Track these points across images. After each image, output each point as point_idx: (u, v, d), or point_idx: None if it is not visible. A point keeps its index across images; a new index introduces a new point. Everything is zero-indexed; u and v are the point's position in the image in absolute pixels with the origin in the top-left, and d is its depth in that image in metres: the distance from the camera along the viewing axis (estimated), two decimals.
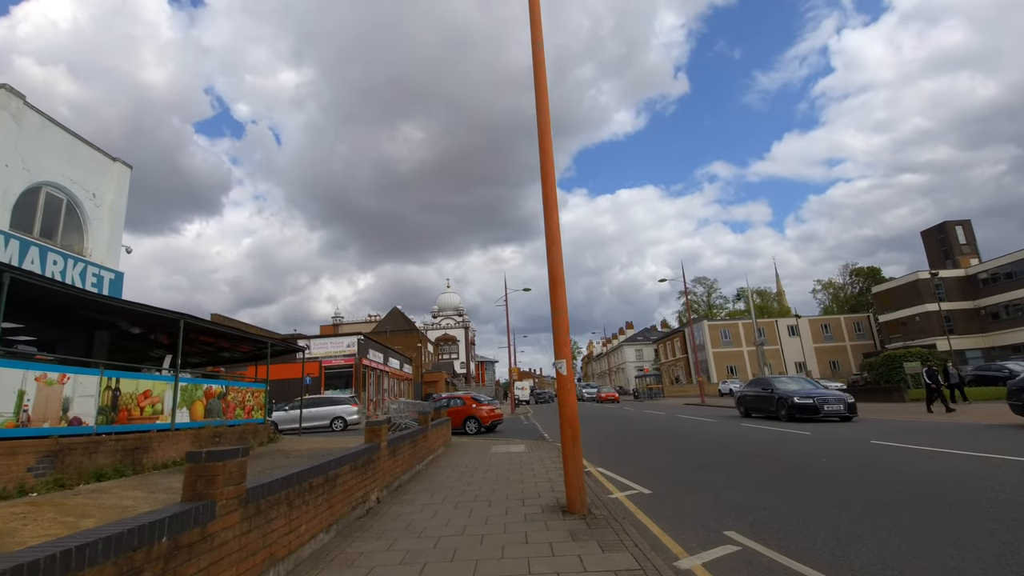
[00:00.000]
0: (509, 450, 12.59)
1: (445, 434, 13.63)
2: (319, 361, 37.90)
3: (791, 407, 16.90)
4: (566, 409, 6.24)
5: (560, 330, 6.47)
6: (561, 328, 6.48)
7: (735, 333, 61.05)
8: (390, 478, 7.72)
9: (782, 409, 17.42)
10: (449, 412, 19.42)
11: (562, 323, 6.50)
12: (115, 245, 15.22)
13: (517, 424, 24.73)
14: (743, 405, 20.75)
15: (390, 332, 66.78)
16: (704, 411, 27.49)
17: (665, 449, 11.98)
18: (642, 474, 8.70)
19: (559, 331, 6.47)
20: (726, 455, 10.43)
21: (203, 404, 10.87)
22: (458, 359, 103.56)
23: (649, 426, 19.05)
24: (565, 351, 6.43)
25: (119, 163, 15.55)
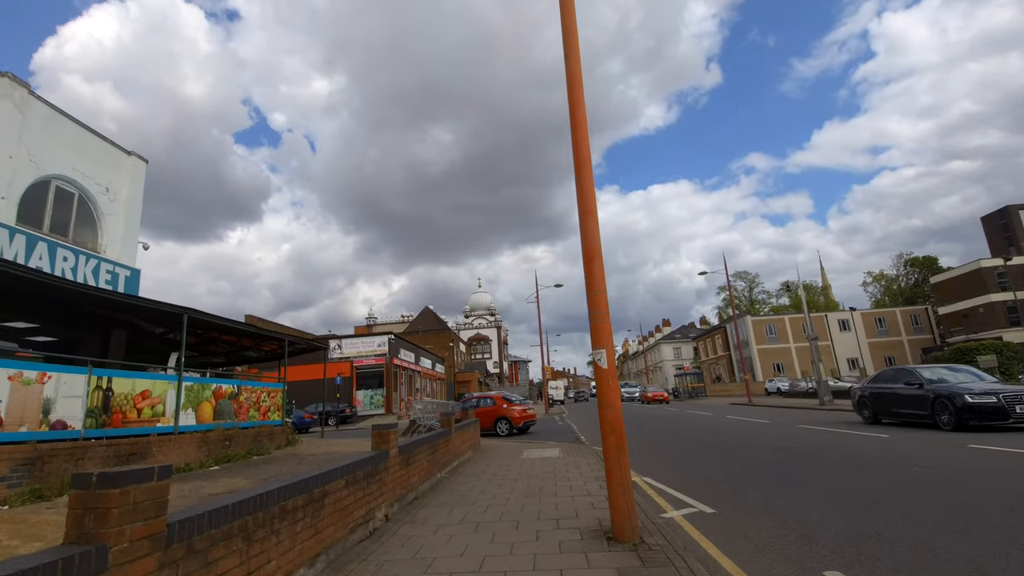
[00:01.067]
0: (542, 455, 11.40)
1: (473, 437, 12.55)
2: (350, 361, 37.54)
3: (962, 409, 11.91)
4: (608, 411, 5.02)
5: (598, 313, 5.26)
6: (599, 311, 5.26)
7: (781, 329, 58.03)
8: (403, 490, 6.65)
9: (943, 412, 12.44)
10: (478, 413, 18.38)
11: (600, 305, 5.28)
12: (131, 241, 14.74)
13: (551, 425, 23.50)
14: (870, 406, 15.38)
15: (422, 332, 66.46)
16: (754, 411, 25.63)
17: (721, 456, 10.56)
18: (699, 487, 7.38)
19: (597, 315, 5.26)
20: (798, 465, 8.97)
21: (212, 405, 10.11)
22: (491, 359, 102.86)
23: (697, 428, 17.53)
24: (605, 339, 5.21)
25: (134, 157, 15.08)
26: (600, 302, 5.29)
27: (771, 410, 25.34)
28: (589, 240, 5.41)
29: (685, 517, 5.87)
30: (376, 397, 37.10)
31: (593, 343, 5.26)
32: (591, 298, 5.31)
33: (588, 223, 5.45)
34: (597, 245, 5.41)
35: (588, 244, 5.41)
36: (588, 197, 5.50)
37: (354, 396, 36.44)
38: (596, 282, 5.32)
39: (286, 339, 13.67)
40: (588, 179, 5.52)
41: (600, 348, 5.18)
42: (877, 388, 15.38)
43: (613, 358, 5.22)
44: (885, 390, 14.95)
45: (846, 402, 28.24)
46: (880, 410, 14.99)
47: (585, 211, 5.49)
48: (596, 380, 5.20)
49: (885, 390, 14.95)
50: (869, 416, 15.43)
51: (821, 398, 25.88)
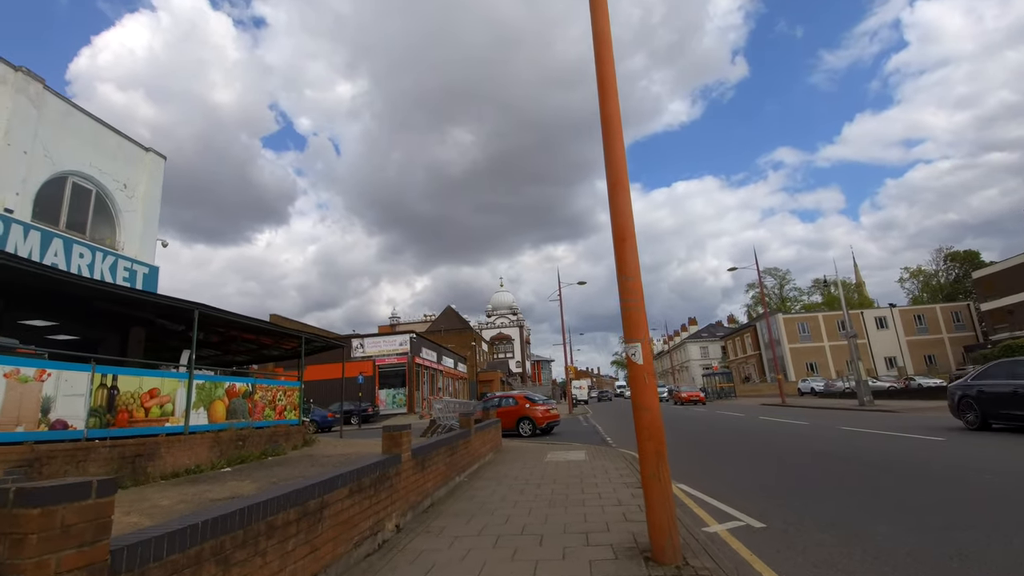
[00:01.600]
0: (567, 458, 10.78)
1: (494, 438, 12.00)
2: (372, 360, 37.42)
3: None
4: (644, 414, 4.39)
5: (631, 301, 4.64)
6: (633, 298, 4.64)
7: (815, 327, 56.02)
8: (417, 496, 6.13)
9: None
10: (500, 412, 17.83)
11: (634, 291, 4.66)
12: (149, 238, 14.61)
13: (575, 426, 22.82)
14: (976, 408, 12.49)
15: (444, 331, 66.32)
16: (789, 413, 24.53)
17: (763, 461, 9.78)
18: (743, 496, 6.68)
19: (630, 302, 4.64)
20: (851, 471, 8.17)
21: (225, 404, 9.78)
22: (513, 358, 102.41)
23: (731, 430, 16.67)
24: (640, 330, 4.59)
25: (152, 153, 14.95)
26: (633, 289, 4.66)
27: (807, 411, 24.20)
28: (620, 217, 4.79)
29: (731, 532, 5.20)
30: (398, 396, 36.90)
31: (626, 335, 4.64)
32: (623, 284, 4.69)
33: (619, 198, 4.83)
34: (629, 223, 4.79)
35: (619, 222, 4.79)
36: (618, 168, 4.88)
37: (376, 395, 36.30)
38: (628, 266, 4.70)
39: (303, 336, 13.33)
40: (618, 147, 4.90)
41: (634, 341, 4.55)
42: (988, 385, 12.33)
43: (650, 353, 4.59)
44: (998, 388, 11.97)
45: (888, 403, 26.88)
46: (991, 411, 12.15)
47: (615, 184, 4.87)
48: (630, 378, 4.58)
49: (998, 388, 11.97)
50: (975, 420, 12.47)
51: (861, 398, 24.62)
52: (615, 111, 4.92)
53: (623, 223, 4.79)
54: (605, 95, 4.96)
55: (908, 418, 16.99)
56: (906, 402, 27.32)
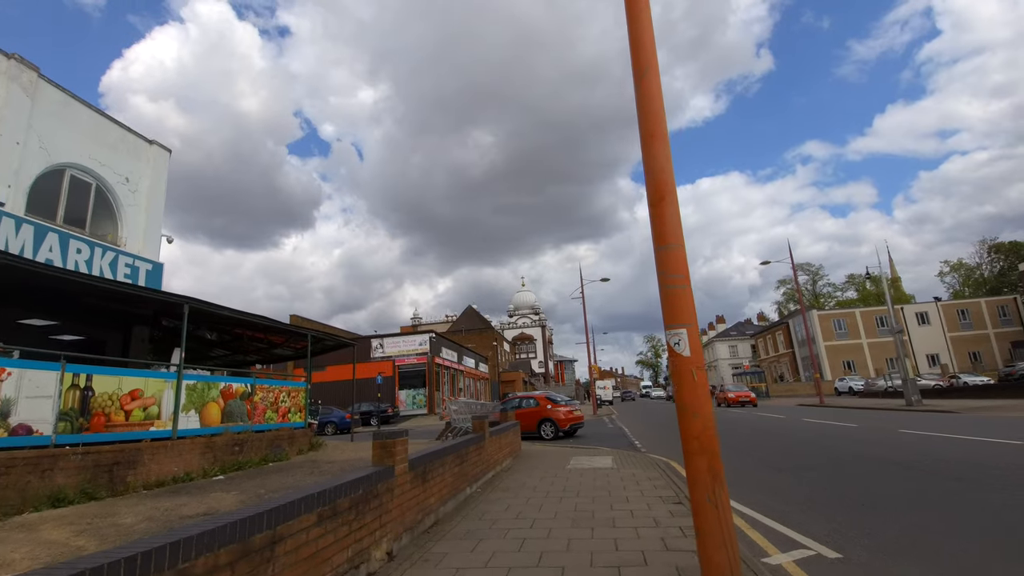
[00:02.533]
0: (592, 465, 9.78)
1: (512, 442, 11.06)
2: (392, 360, 36.87)
3: None
4: (694, 421, 3.39)
5: (673, 276, 3.64)
6: (675, 272, 3.65)
7: (852, 323, 53.52)
8: (416, 514, 5.22)
9: None
10: (519, 414, 16.89)
11: (676, 264, 3.66)
12: (153, 234, 14.08)
13: (600, 428, 21.72)
14: None
15: (465, 331, 65.64)
16: (832, 414, 23.00)
17: (820, 471, 8.61)
18: (806, 515, 5.59)
19: (672, 278, 3.64)
20: (930, 482, 6.98)
21: (220, 406, 9.06)
22: (536, 358, 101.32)
23: (774, 433, 15.39)
24: (686, 313, 3.59)
25: (156, 146, 14.43)
26: (675, 261, 3.67)
27: (850, 412, 22.62)
28: (657, 172, 3.80)
29: (800, 565, 4.16)
30: (418, 397, 36.26)
31: (666, 319, 3.64)
32: (662, 257, 3.70)
33: (655, 149, 3.84)
34: (668, 178, 3.79)
35: (656, 179, 3.80)
36: (654, 113, 3.89)
37: (396, 396, 35.72)
38: (668, 231, 3.70)
39: (309, 334, 12.60)
40: (653, 87, 3.90)
41: (678, 326, 3.56)
42: None
43: (699, 342, 3.58)
44: None
45: (937, 402, 25.04)
46: None
47: (650, 134, 3.88)
48: (673, 373, 3.59)
49: None
50: None
51: (909, 398, 22.94)
52: (647, 35, 3.92)
53: (661, 180, 3.79)
54: (635, 17, 3.97)
55: (971, 419, 15.45)
56: (957, 401, 25.45)
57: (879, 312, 53.69)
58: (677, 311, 3.59)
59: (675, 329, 3.57)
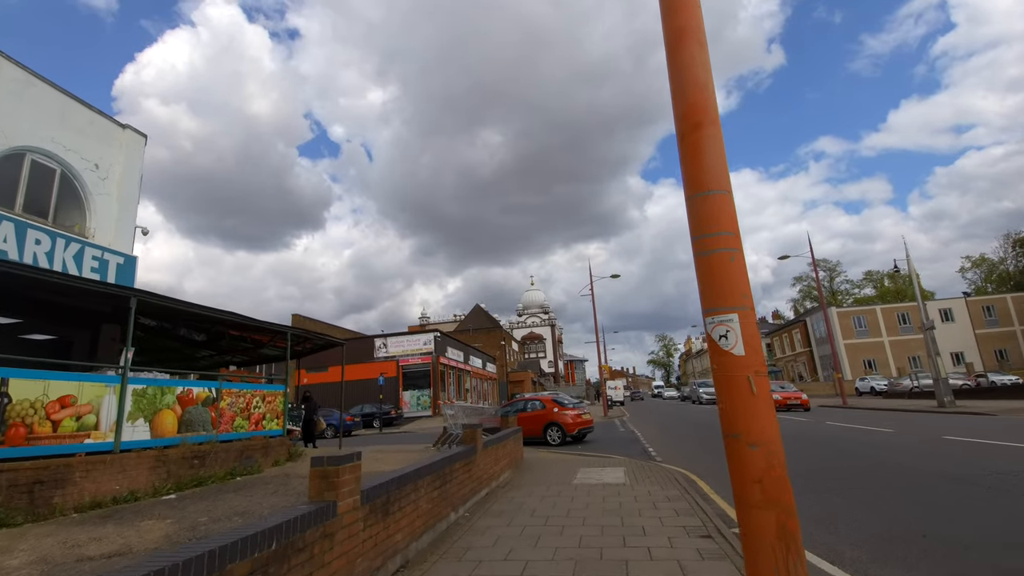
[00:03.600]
0: (602, 479, 8.58)
1: (512, 452, 9.90)
2: (396, 360, 35.87)
3: None
4: (753, 455, 2.21)
5: (715, 236, 2.46)
6: (718, 230, 2.46)
7: (872, 321, 51.58)
8: (375, 560, 4.08)
9: None
10: (524, 418, 15.74)
11: (720, 217, 2.48)
12: (126, 225, 13.08)
13: (611, 432, 20.48)
14: None
15: (473, 330, 64.59)
16: (859, 416, 21.57)
17: (872, 494, 7.34)
18: (883, 558, 4.36)
19: (712, 238, 2.46)
20: (1017, 508, 5.71)
21: (176, 414, 7.99)
22: (545, 358, 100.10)
23: (806, 439, 14.06)
24: (735, 292, 2.41)
25: (130, 130, 13.44)
26: (718, 213, 2.48)
27: (879, 415, 21.17)
28: (689, 88, 2.62)
29: None
30: (423, 398, 35.22)
31: (706, 299, 2.46)
32: (697, 207, 2.52)
33: (685, 53, 2.66)
34: (706, 97, 2.62)
35: (688, 97, 2.62)
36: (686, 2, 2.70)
37: (400, 397, 34.70)
38: (707, 170, 2.53)
39: (288, 332, 11.52)
40: None
41: (725, 310, 2.37)
42: None
43: (756, 334, 2.39)
44: None
45: (970, 403, 23.49)
46: None
47: (678, 31, 2.71)
48: (718, 380, 2.40)
49: None
50: None
51: (941, 399, 21.44)
52: None
53: (695, 96, 2.61)
54: None
55: (1013, 422, 14.02)
56: (989, 402, 23.88)
57: (900, 309, 51.85)
58: (722, 287, 2.40)
59: (720, 314, 2.38)
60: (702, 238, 2.47)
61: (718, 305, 2.38)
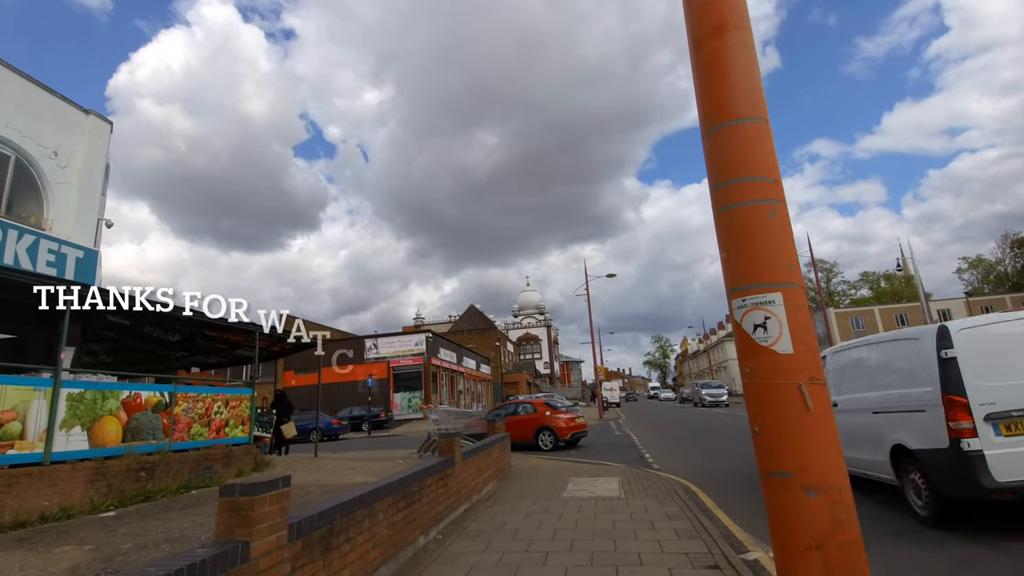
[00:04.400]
0: (594, 491, 7.83)
1: (498, 461, 9.15)
2: (387, 361, 35.04)
3: None
4: (808, 504, 1.43)
5: (743, 175, 1.69)
6: (746, 170, 1.70)
7: (870, 321, 51.15)
8: None
9: None
10: (514, 423, 15.00)
11: (752, 157, 1.71)
12: (88, 217, 12.25)
13: (606, 435, 19.75)
14: None
15: (467, 331, 63.78)
16: None
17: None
18: None
19: (741, 182, 1.70)
20: None
21: (121, 421, 7.18)
22: (541, 359, 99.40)
23: None
24: (776, 257, 1.64)
25: (94, 116, 12.62)
26: (748, 150, 1.73)
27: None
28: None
29: None
30: (414, 400, 34.37)
31: (735, 273, 1.71)
32: (718, 144, 1.77)
33: None
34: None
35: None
36: None
37: (391, 399, 33.87)
38: (733, 90, 1.77)
39: (257, 331, 10.72)
40: None
41: (763, 288, 1.62)
42: None
43: (807, 318, 1.64)
44: None
45: None
46: None
47: None
48: (750, 386, 1.64)
49: None
50: None
51: None
52: None
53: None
54: None
55: None
56: None
57: (899, 310, 51.51)
58: (759, 255, 1.66)
59: (755, 294, 1.63)
60: (727, 186, 1.72)
61: (752, 281, 1.64)
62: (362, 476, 8.60)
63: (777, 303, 1.62)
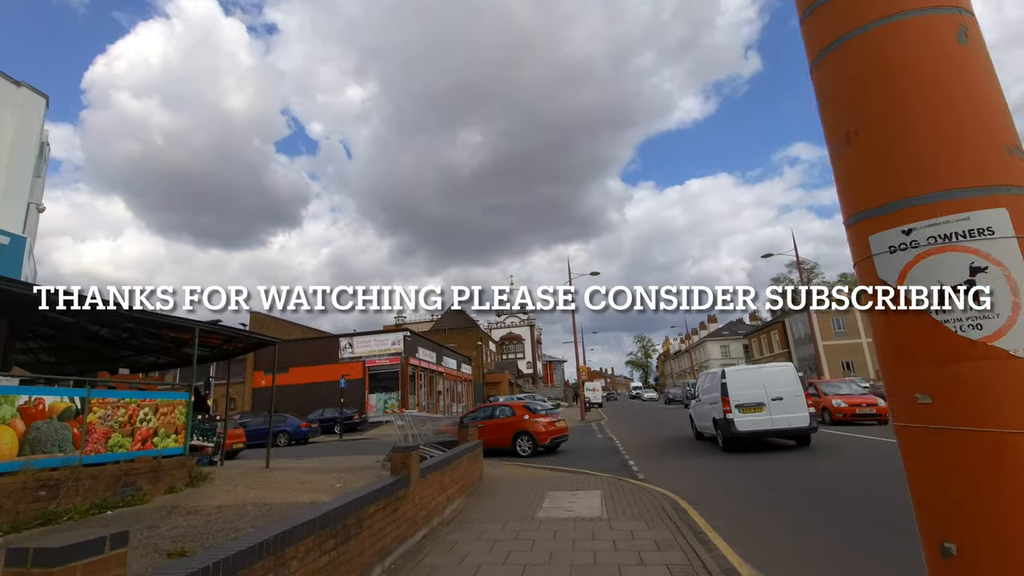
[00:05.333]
0: (573, 511, 6.90)
1: (465, 475, 8.18)
2: (362, 361, 33.79)
3: None
4: None
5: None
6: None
7: (851, 322, 51.14)
8: None
9: None
10: (491, 426, 14.07)
11: None
12: (16, 199, 10.98)
13: (587, 438, 18.88)
14: None
15: (448, 330, 62.61)
16: (858, 427, 20.35)
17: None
18: None
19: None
20: None
21: (17, 431, 6.06)
22: (524, 359, 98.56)
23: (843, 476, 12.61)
24: (988, 136, 0.68)
25: (25, 88, 11.32)
26: None
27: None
28: None
29: None
30: (391, 401, 33.18)
31: (868, 180, 0.75)
32: None
33: None
34: None
35: None
36: None
37: (366, 400, 32.64)
38: None
39: (196, 328, 9.58)
40: None
41: (964, 197, 0.66)
42: None
43: None
44: None
45: None
46: None
47: None
48: (923, 442, 0.69)
49: None
50: None
51: None
52: None
53: None
54: None
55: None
56: None
57: None
58: (945, 125, 0.70)
59: (944, 214, 0.68)
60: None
61: (928, 181, 0.69)
62: (312, 493, 7.56)
63: (1002, 230, 0.70)
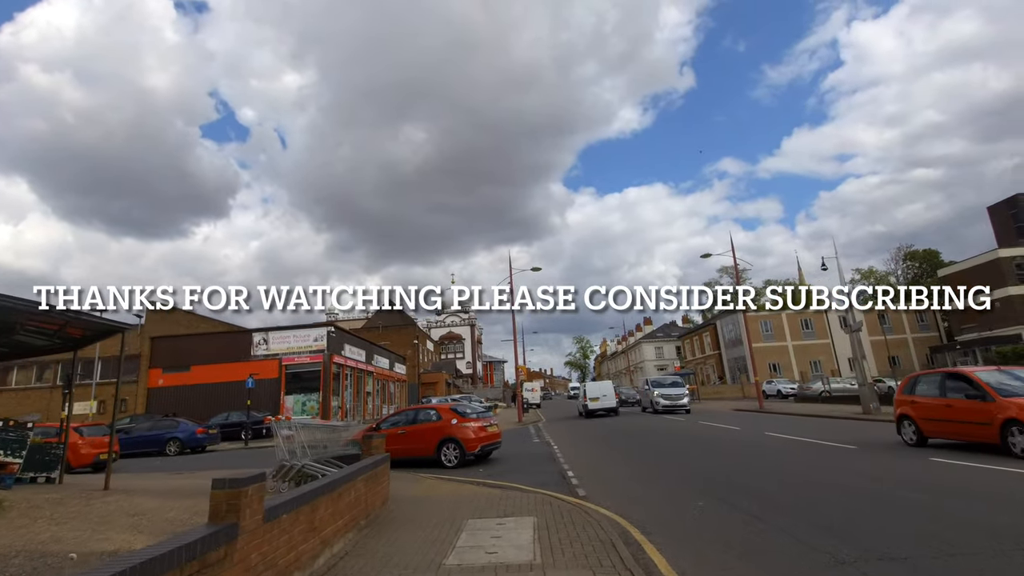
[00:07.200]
0: (496, 553, 5.18)
1: (359, 502, 6.28)
2: (279, 359, 30.70)
3: None
4: None
5: None
6: None
7: (778, 326, 52.90)
8: None
9: None
10: (413, 433, 12.29)
11: None
12: None
13: (524, 444, 17.31)
14: None
15: (382, 328, 59.58)
16: (793, 425, 19.86)
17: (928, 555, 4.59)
18: None
19: None
20: None
21: None
22: (463, 359, 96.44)
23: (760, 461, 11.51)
24: None
25: None
26: None
27: (808, 421, 19.65)
28: None
29: None
30: (310, 403, 30.30)
31: None
32: None
33: None
34: None
35: None
36: None
37: (282, 402, 29.59)
38: None
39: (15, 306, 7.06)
40: None
41: None
42: None
43: None
44: None
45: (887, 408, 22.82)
46: None
47: None
48: None
49: None
50: None
51: (867, 405, 20.28)
52: None
53: None
54: None
55: None
56: None
57: (805, 316, 53.66)
58: None
59: None
60: None
61: None
62: (130, 535, 5.41)
63: None
